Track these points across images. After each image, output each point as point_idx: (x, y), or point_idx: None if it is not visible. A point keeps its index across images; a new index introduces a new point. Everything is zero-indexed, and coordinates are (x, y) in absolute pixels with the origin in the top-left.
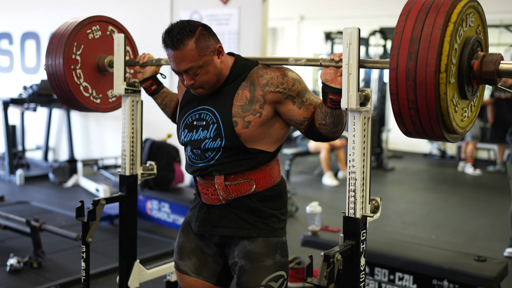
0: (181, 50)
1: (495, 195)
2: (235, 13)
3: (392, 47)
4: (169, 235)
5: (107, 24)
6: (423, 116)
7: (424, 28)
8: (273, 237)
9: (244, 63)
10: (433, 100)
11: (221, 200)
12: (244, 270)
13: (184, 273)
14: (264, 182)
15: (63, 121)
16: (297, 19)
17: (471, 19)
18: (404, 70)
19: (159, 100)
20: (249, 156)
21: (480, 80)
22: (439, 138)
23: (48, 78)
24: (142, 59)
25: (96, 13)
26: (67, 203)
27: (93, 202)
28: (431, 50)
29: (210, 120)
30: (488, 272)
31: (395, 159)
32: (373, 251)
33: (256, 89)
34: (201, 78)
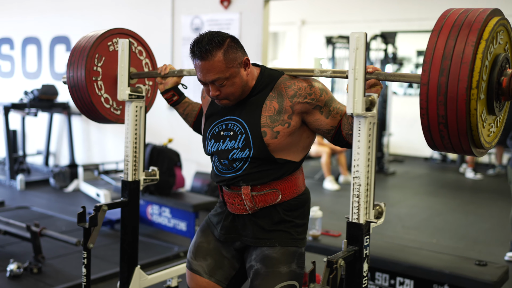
0: (209, 61)
1: (496, 199)
2: (236, 17)
3: (424, 62)
4: (170, 240)
5: (127, 36)
6: (452, 131)
7: (456, 45)
8: (293, 246)
9: (270, 73)
10: (464, 115)
11: (247, 210)
12: (259, 273)
13: (196, 273)
14: (290, 192)
15: (64, 126)
16: (298, 23)
17: (501, 37)
18: (436, 85)
19: (181, 110)
20: (276, 166)
21: (509, 96)
22: (466, 153)
23: (69, 89)
24: (164, 71)
25: (97, 18)
26: (68, 208)
27: (95, 208)
28: (463, 67)
29: (238, 131)
30: (489, 277)
31: (396, 163)
32: (374, 255)
33: (284, 100)
34: (227, 90)
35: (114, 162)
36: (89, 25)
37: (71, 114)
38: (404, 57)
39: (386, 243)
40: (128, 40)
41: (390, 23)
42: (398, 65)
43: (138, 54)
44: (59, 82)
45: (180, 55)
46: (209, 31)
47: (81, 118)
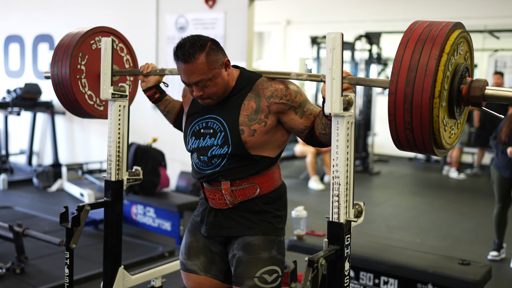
0: (192, 64)
1: (480, 199)
2: (221, 17)
3: (392, 73)
4: (154, 240)
5: (109, 34)
6: (417, 135)
7: (421, 58)
8: (273, 235)
9: (249, 75)
10: (427, 121)
11: (228, 204)
12: (241, 260)
13: (192, 272)
14: (267, 186)
15: (47, 125)
16: (284, 23)
17: (461, 48)
18: (402, 95)
19: (162, 107)
20: (253, 162)
21: (468, 102)
22: (429, 153)
23: (54, 87)
24: (146, 69)
25: (82, 17)
26: (51, 208)
27: (78, 208)
28: (427, 78)
29: (218, 128)
30: (472, 276)
31: (380, 163)
32: (359, 255)
33: (262, 100)
34: (209, 90)
35: (98, 162)
36: (73, 23)
37: (54, 113)
38: (388, 58)
39: (370, 242)
40: (111, 39)
41: (374, 23)
42: (383, 65)
43: (119, 51)
44: (42, 81)
45: (165, 54)
46: (191, 35)
47: (64, 117)
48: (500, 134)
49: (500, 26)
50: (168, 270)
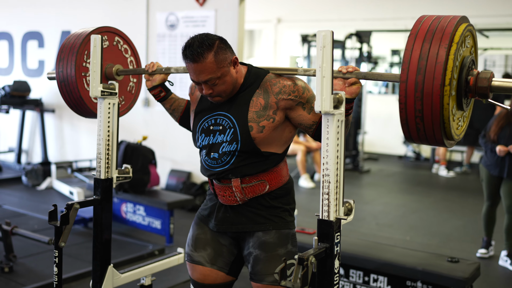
0: (201, 63)
1: (469, 197)
2: (212, 15)
3: (403, 62)
4: (144, 238)
5: (113, 34)
6: (427, 123)
7: (431, 47)
8: (286, 229)
9: (256, 71)
10: (438, 109)
11: (238, 201)
12: (259, 259)
13: (198, 263)
14: (276, 182)
15: (36, 123)
16: (274, 21)
17: (468, 41)
18: (413, 83)
19: (168, 106)
20: (262, 159)
21: (475, 93)
22: (438, 143)
23: (58, 84)
24: (151, 68)
25: (71, 14)
26: (40, 206)
27: (67, 206)
28: (438, 66)
29: (227, 125)
30: (461, 273)
31: (370, 161)
32: (348, 253)
33: (270, 97)
34: (219, 88)
35: (88, 160)
36: (62, 21)
37: (43, 111)
38: (379, 56)
39: (360, 240)
40: (100, 37)
41: (365, 22)
42: (373, 63)
43: (124, 52)
44: (31, 79)
45: (155, 51)
46: (199, 34)
47: (54, 115)
48: (489, 133)
49: (489, 25)
50: (158, 269)
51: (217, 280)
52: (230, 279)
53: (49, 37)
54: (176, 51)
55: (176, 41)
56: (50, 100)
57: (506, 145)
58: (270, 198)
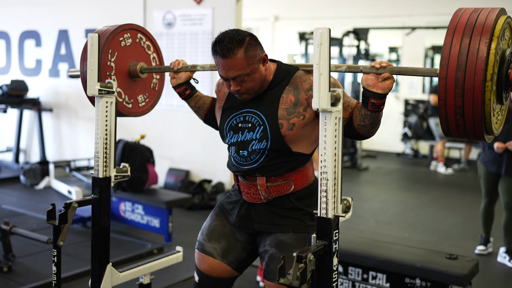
0: (231, 59)
1: (467, 194)
2: (209, 13)
3: (442, 58)
4: (143, 237)
5: (136, 32)
6: (468, 120)
7: (471, 42)
8: (304, 232)
9: (286, 68)
10: (480, 105)
11: (262, 200)
12: (275, 258)
13: (209, 254)
14: (301, 182)
15: (34, 122)
16: (272, 19)
17: (507, 34)
18: (453, 79)
19: (193, 104)
20: (290, 159)
21: None
22: (478, 139)
23: (83, 84)
24: (177, 65)
25: (68, 13)
26: (39, 205)
27: (65, 205)
28: (479, 62)
29: (256, 122)
30: (459, 270)
31: (369, 159)
32: (347, 250)
33: (300, 93)
34: (247, 85)
35: (86, 159)
36: (59, 19)
37: (41, 110)
38: (376, 54)
39: (359, 238)
40: (97, 35)
41: (362, 19)
42: (371, 61)
43: (146, 49)
44: (29, 78)
45: None
46: (229, 30)
47: (51, 114)
48: None
49: None
50: (157, 267)
51: (223, 274)
52: (236, 274)
53: (46, 36)
54: (173, 49)
55: (173, 39)
56: (48, 99)
57: (504, 142)
58: (295, 199)
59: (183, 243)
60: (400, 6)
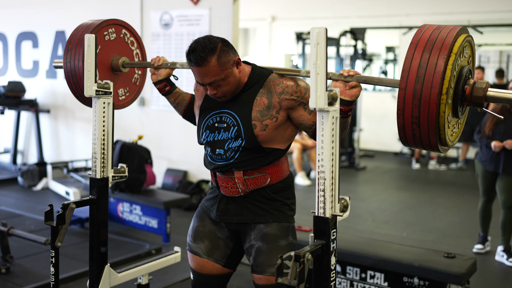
0: (205, 67)
1: (464, 193)
2: (206, 13)
3: (403, 70)
4: (141, 237)
5: (121, 27)
6: (423, 129)
7: (430, 57)
8: (286, 222)
9: (260, 71)
10: (434, 117)
11: (240, 192)
12: (261, 250)
13: (196, 254)
14: (277, 176)
15: (32, 123)
16: (269, 19)
17: (466, 51)
18: (412, 90)
19: (172, 100)
20: (264, 154)
21: (470, 102)
22: (433, 149)
23: (66, 75)
24: (157, 62)
25: (65, 14)
26: (37, 207)
27: (63, 206)
28: (436, 76)
29: (231, 123)
30: (457, 269)
31: (366, 158)
32: (345, 250)
33: (273, 96)
34: (223, 89)
35: (84, 160)
36: (56, 21)
37: (39, 112)
38: (373, 53)
39: (356, 237)
40: (94, 36)
41: (359, 19)
42: (368, 61)
43: (130, 45)
44: (26, 79)
45: (150, 51)
46: (202, 38)
47: (49, 115)
48: (484, 129)
49: (484, 21)
50: (155, 268)
51: (213, 271)
52: (227, 271)
53: (43, 37)
54: (170, 50)
55: (170, 40)
56: (45, 100)
57: (501, 141)
58: (272, 191)
59: (181, 243)
60: (396, 6)
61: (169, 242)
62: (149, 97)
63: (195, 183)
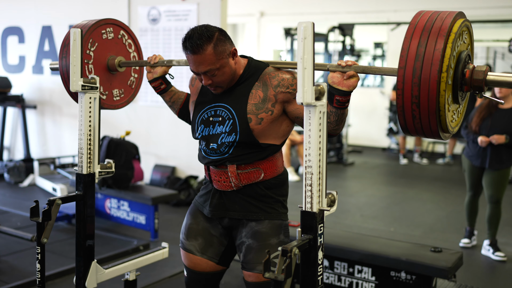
0: (201, 55)
1: (451, 187)
2: (194, 9)
3: (402, 49)
4: (129, 233)
5: (119, 28)
6: (423, 109)
7: (430, 35)
8: (278, 219)
9: (256, 64)
10: (434, 95)
11: (232, 187)
12: (252, 248)
13: (189, 252)
14: (271, 171)
15: (18, 119)
16: (257, 15)
17: (465, 37)
18: (411, 69)
19: (167, 98)
20: (259, 149)
21: (470, 86)
22: (433, 134)
23: (61, 72)
24: (153, 60)
25: (52, 9)
26: (23, 203)
27: (48, 202)
28: (436, 53)
29: (226, 116)
30: (444, 263)
31: (355, 154)
32: (333, 244)
33: (269, 89)
34: (218, 79)
35: (71, 156)
36: (43, 15)
37: (25, 107)
38: (361, 49)
39: (344, 232)
40: (80, 30)
41: (347, 15)
42: (356, 56)
43: (128, 47)
44: (12, 75)
45: None
46: (199, 26)
47: (35, 111)
48: (470, 124)
49: (471, 17)
50: (142, 264)
51: (207, 269)
52: (220, 268)
53: (29, 33)
54: (158, 45)
55: (158, 35)
56: (32, 96)
57: (488, 136)
58: (265, 187)
59: (169, 239)
60: (385, 2)
61: (157, 238)
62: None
63: (183, 179)
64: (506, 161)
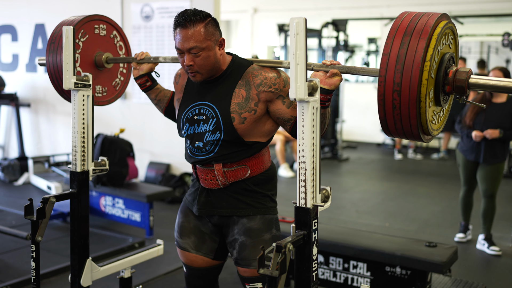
0: (190, 29)
1: (446, 182)
2: (187, 5)
3: (388, 37)
4: (124, 231)
5: (113, 28)
6: (404, 99)
7: (417, 25)
8: (268, 214)
9: (240, 62)
10: (416, 83)
11: (219, 185)
12: (246, 245)
13: (185, 249)
14: (258, 168)
15: (12, 117)
16: (251, 11)
17: (451, 37)
18: (395, 55)
19: (153, 96)
20: (245, 147)
21: (453, 87)
22: (413, 131)
23: (48, 69)
24: (140, 56)
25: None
26: (18, 201)
27: (43, 200)
28: (421, 41)
29: (210, 115)
30: (439, 257)
31: (349, 150)
32: (328, 240)
33: (251, 88)
34: (200, 61)
35: (65, 154)
36: (36, 13)
37: (19, 106)
38: (355, 45)
39: (339, 228)
40: (73, 28)
41: (341, 10)
42: (350, 52)
43: (118, 49)
44: (5, 73)
45: (131, 43)
46: (194, 9)
47: (29, 109)
48: (464, 119)
49: (465, 11)
50: (137, 261)
51: (204, 264)
52: (217, 262)
53: (22, 31)
54: (151, 42)
55: (151, 32)
56: (26, 94)
57: (482, 130)
58: (252, 184)
59: (164, 236)
60: None
61: (153, 235)
62: (131, 90)
63: (178, 176)
64: (500, 155)
